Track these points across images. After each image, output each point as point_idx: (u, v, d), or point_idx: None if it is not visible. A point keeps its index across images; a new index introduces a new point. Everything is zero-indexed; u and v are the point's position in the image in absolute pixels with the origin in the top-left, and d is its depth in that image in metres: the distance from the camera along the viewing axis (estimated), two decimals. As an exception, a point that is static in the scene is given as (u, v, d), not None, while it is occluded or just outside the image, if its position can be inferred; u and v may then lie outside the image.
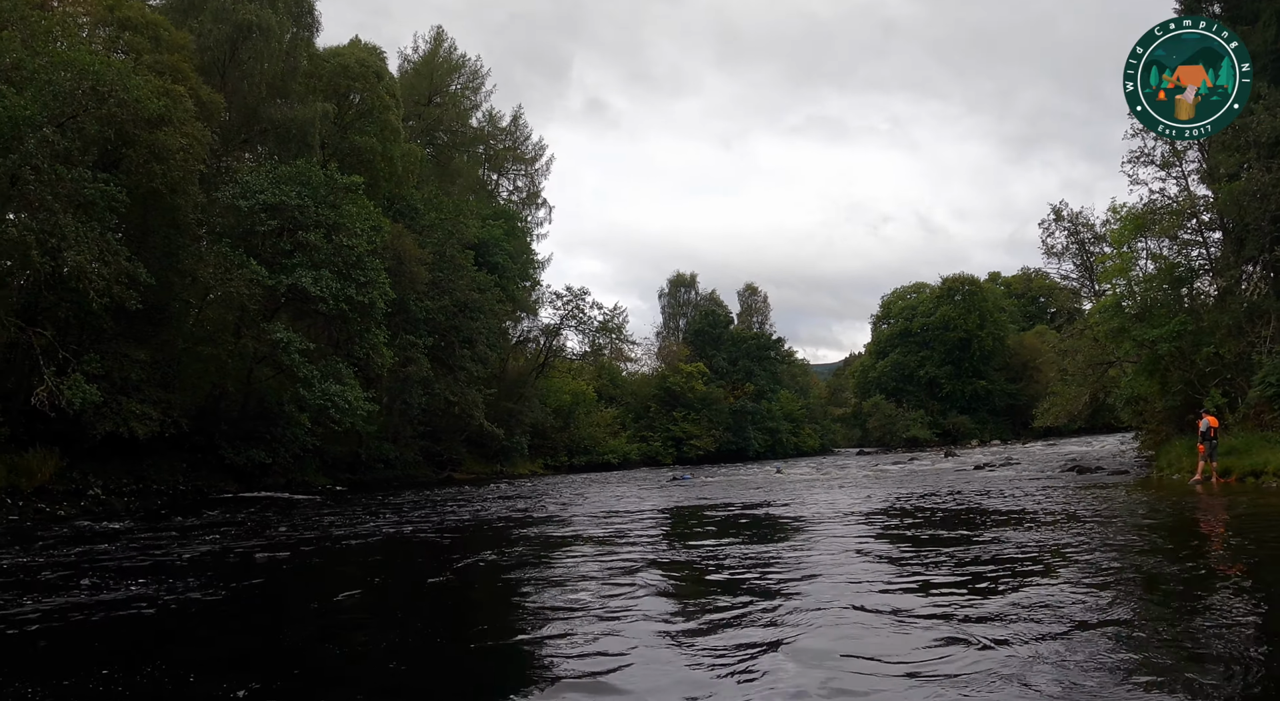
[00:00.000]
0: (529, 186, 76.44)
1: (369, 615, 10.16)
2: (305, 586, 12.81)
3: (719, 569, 12.10)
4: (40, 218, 24.82)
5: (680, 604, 9.85)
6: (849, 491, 29.66)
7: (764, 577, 11.16)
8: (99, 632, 9.24)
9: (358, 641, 8.63)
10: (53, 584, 12.38)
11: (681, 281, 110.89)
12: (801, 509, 22.64)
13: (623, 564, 12.80)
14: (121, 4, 34.73)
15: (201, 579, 12.78)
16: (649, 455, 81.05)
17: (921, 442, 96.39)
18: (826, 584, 10.53)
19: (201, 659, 8.16)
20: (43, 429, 27.03)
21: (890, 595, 9.68)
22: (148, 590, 11.69)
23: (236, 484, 34.42)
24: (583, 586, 10.82)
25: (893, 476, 39.57)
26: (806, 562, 12.38)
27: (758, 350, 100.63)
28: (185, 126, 30.12)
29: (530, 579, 11.98)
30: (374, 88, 47.26)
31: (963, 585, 10.14)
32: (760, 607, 9.19)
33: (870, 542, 14.96)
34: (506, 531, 18.99)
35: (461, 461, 55.45)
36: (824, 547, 14.11)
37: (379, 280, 37.04)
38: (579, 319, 70.70)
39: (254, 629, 9.89)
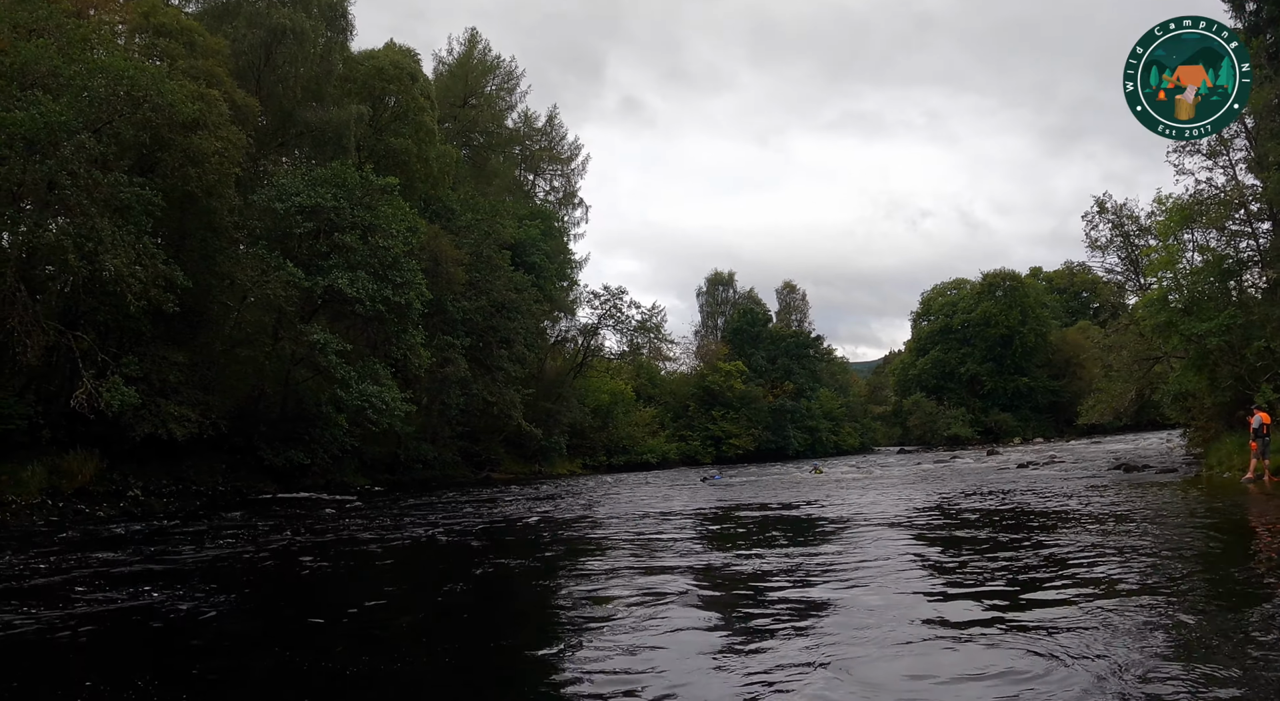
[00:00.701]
0: (565, 186, 76.44)
1: (395, 624, 9.96)
2: (332, 592, 12.67)
3: (758, 577, 11.76)
4: (77, 222, 24.94)
5: (716, 615, 9.51)
6: (891, 491, 29.24)
7: (805, 586, 10.81)
8: (93, 643, 9.09)
9: (382, 654, 8.42)
10: (46, 590, 12.34)
11: (719, 280, 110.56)
12: (843, 510, 22.30)
13: (658, 571, 12.52)
14: (156, 11, 34.93)
15: (224, 585, 12.69)
16: (688, 454, 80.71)
17: (963, 440, 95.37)
18: (873, 593, 10.18)
19: (207, 671, 8.00)
20: (83, 431, 27.19)
21: (942, 604, 9.28)
22: (162, 595, 11.59)
23: (275, 484, 34.50)
24: (616, 596, 10.55)
25: (935, 475, 39.05)
26: (850, 568, 12.04)
27: (796, 348, 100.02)
28: (220, 130, 30.22)
29: (562, 588, 11.77)
30: (409, 89, 47.34)
31: (1018, 593, 9.78)
32: (803, 621, 8.85)
33: (916, 546, 14.56)
34: (539, 534, 18.83)
35: (500, 461, 55.39)
36: (868, 552, 13.73)
37: (415, 281, 37.03)
38: (617, 318, 70.60)
39: (275, 639, 9.71)
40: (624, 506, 26.64)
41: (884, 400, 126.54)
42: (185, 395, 30.07)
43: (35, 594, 11.74)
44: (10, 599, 11.20)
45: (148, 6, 34.99)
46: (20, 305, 24.86)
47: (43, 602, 11.02)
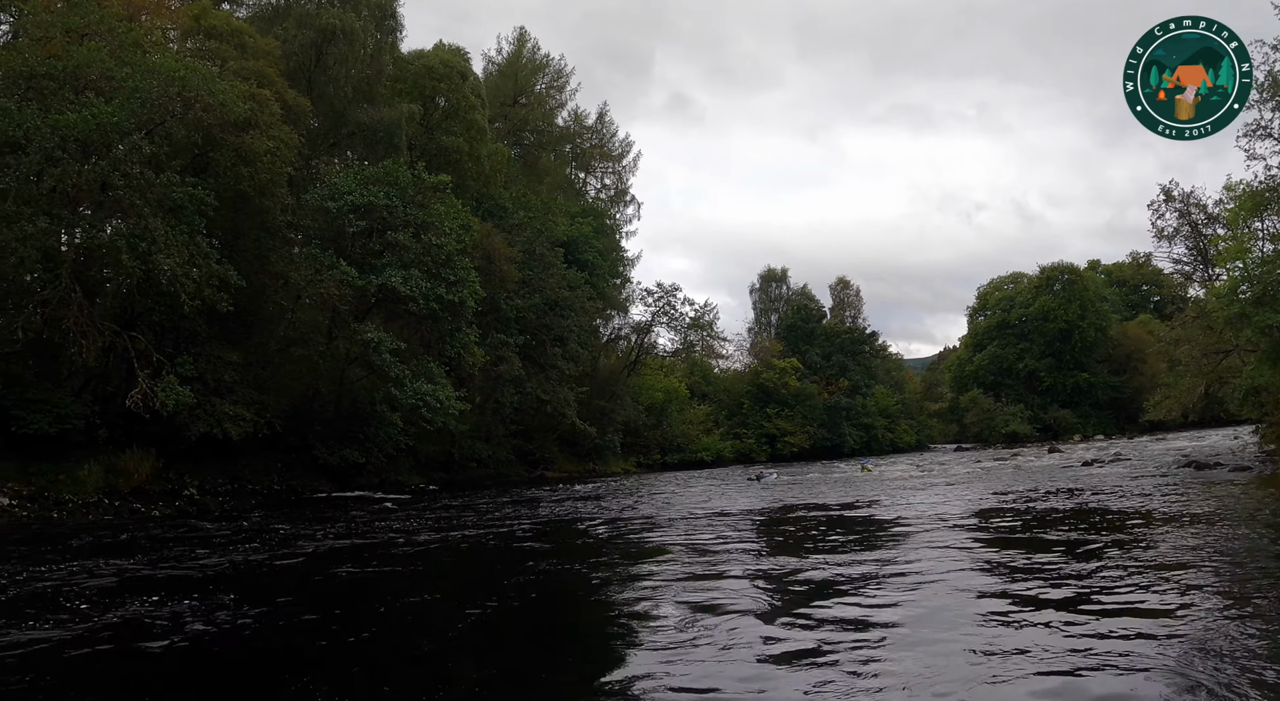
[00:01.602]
0: (616, 184, 76.11)
1: (445, 633, 9.61)
2: (382, 597, 12.36)
3: (821, 585, 11.28)
4: (130, 222, 25.02)
5: (777, 628, 9.05)
6: (953, 490, 28.63)
7: (863, 597, 10.30)
8: (102, 661, 8.84)
9: (432, 662, 8.10)
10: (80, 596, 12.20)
11: (772, 276, 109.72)
12: (905, 510, 21.77)
13: (714, 577, 12.11)
14: (207, 14, 35.11)
15: (269, 589, 12.49)
16: (743, 453, 79.96)
17: (1021, 438, 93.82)
18: (935, 602, 9.69)
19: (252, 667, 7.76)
20: (140, 431, 27.32)
21: (1016, 610, 8.71)
22: (199, 602, 11.42)
23: (330, 483, 34.54)
24: (672, 605, 10.14)
25: (997, 474, 38.27)
26: (911, 575, 11.52)
27: (851, 345, 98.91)
28: (272, 129, 30.21)
29: (617, 596, 11.41)
30: (459, 88, 47.29)
31: (1100, 602, 9.26)
32: (863, 637, 8.35)
33: (981, 551, 13.97)
34: (592, 536, 18.53)
35: (554, 460, 55.19)
36: (933, 557, 13.20)
37: (469, 279, 36.89)
38: (670, 315, 70.17)
39: (317, 653, 9.47)
40: (677, 507, 26.25)
41: (939, 397, 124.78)
42: (240, 394, 30.11)
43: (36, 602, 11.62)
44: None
45: (198, 10, 35.18)
46: (76, 306, 24.98)
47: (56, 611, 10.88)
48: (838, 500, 26.60)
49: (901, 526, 18.03)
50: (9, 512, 22.67)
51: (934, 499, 25.49)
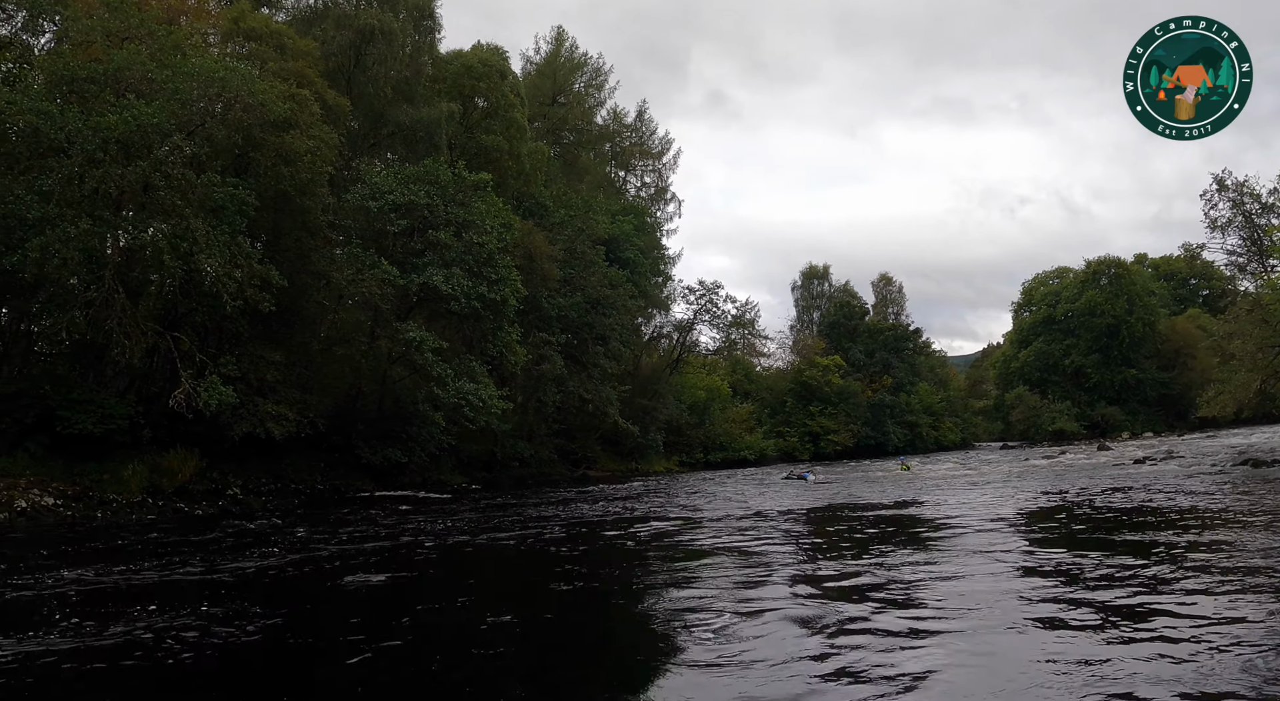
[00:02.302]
0: (657, 182, 75.73)
1: (475, 637, 9.33)
2: (416, 599, 12.12)
3: (869, 590, 10.79)
4: (172, 223, 25.04)
5: (819, 637, 8.59)
6: (1001, 489, 28.11)
7: (915, 606, 9.81)
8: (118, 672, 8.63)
9: (461, 672, 7.85)
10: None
11: (814, 273, 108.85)
12: (950, 510, 21.32)
13: (754, 585, 11.61)
14: (245, 16, 35.21)
15: (310, 589, 12.33)
16: (785, 451, 79.51)
17: (1068, 435, 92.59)
18: (990, 610, 9.29)
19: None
20: (184, 431, 27.41)
21: (1076, 638, 8.19)
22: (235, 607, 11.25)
23: (373, 483, 34.54)
24: (712, 613, 9.75)
25: (1046, 472, 37.64)
26: (964, 581, 11.01)
27: (894, 341, 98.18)
28: (312, 129, 30.20)
29: (655, 602, 10.98)
30: (498, 87, 47.23)
31: (1161, 610, 8.81)
32: (916, 650, 7.91)
33: (1037, 554, 13.40)
34: (634, 537, 18.14)
35: (596, 459, 55.06)
36: (982, 562, 12.68)
37: (510, 277, 36.76)
38: (713, 313, 69.80)
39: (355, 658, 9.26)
40: (720, 507, 25.91)
41: (984, 394, 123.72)
42: (283, 394, 30.13)
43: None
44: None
45: (236, 12, 35.33)
46: (119, 307, 25.05)
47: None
48: (883, 499, 26.18)
49: (951, 528, 17.58)
50: (54, 512, 22.75)
51: (984, 498, 25.01)
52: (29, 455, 24.84)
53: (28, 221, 23.44)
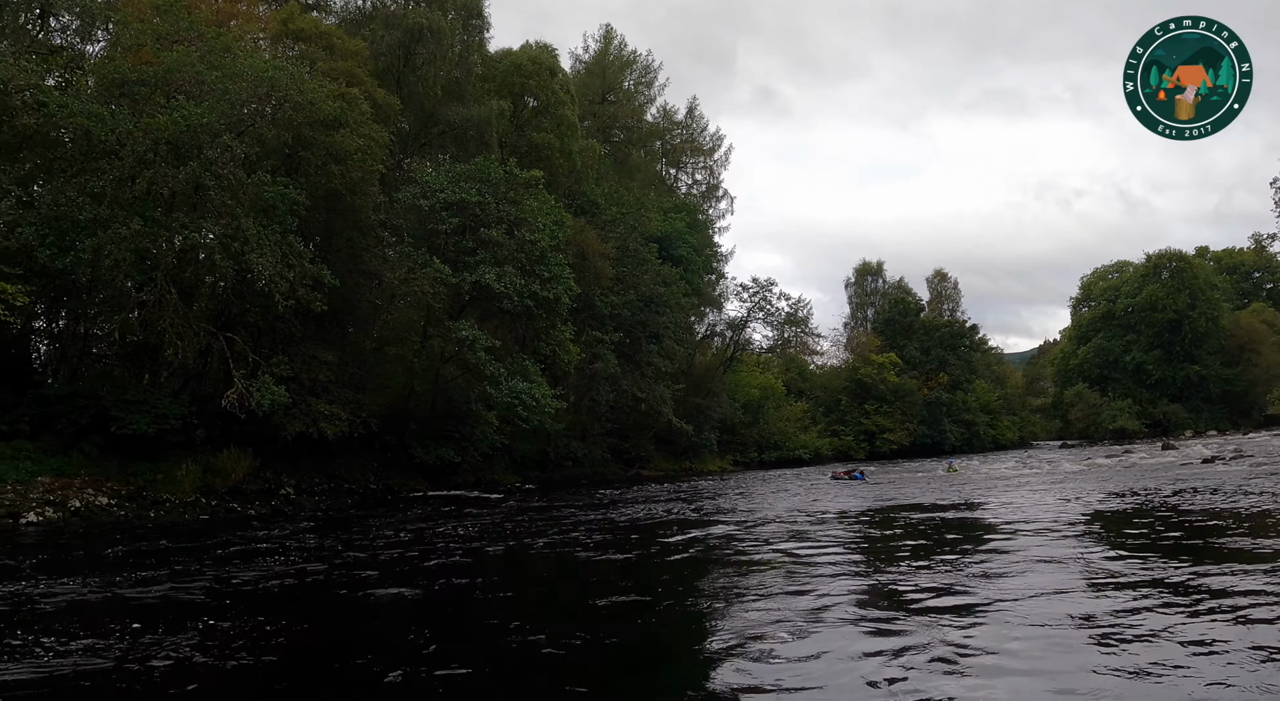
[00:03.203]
0: (708, 179, 75.13)
1: (524, 647, 8.88)
2: (464, 605, 11.71)
3: (927, 607, 10.14)
4: (223, 223, 24.94)
5: (881, 660, 7.97)
6: (1064, 490, 27.30)
7: (984, 618, 9.30)
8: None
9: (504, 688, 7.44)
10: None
11: (868, 270, 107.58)
12: (1012, 513, 20.65)
13: (812, 595, 11.10)
14: (295, 18, 35.22)
15: (353, 595, 12.01)
16: (840, 450, 78.53)
17: (1129, 434, 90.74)
18: (1060, 627, 8.74)
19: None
20: (237, 431, 27.36)
21: (1148, 656, 7.58)
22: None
23: (426, 483, 34.42)
24: (769, 627, 9.24)
25: (1109, 472, 36.72)
26: (1033, 595, 10.33)
27: (950, 338, 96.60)
28: (362, 127, 30.01)
29: (710, 613, 10.47)
30: (548, 84, 46.99)
31: (1245, 626, 8.17)
32: (988, 671, 7.40)
33: (1108, 562, 12.64)
34: (687, 541, 17.67)
35: (649, 458, 54.67)
36: (1050, 571, 12.04)
37: (563, 275, 36.44)
38: (767, 310, 69.05)
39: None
40: (775, 507, 25.43)
41: (1041, 392, 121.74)
42: (336, 394, 29.99)
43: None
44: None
45: (286, 14, 35.34)
46: (172, 308, 25.02)
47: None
48: (943, 501, 25.53)
49: (1015, 531, 16.91)
50: (107, 512, 22.72)
51: (1049, 499, 24.30)
52: (84, 455, 24.90)
53: (80, 223, 23.43)
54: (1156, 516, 18.48)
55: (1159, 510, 19.55)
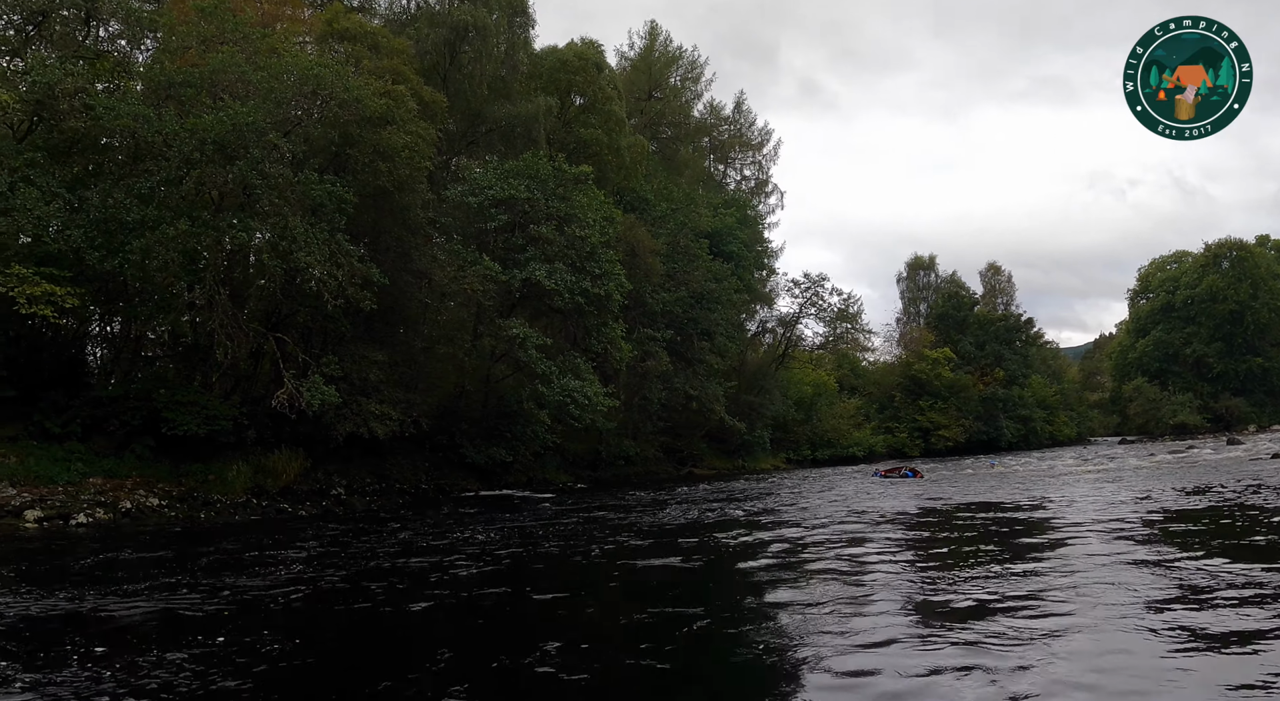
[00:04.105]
0: (757, 174, 74.44)
1: (564, 670, 8.36)
2: (502, 617, 11.22)
3: (991, 622, 9.41)
4: (270, 222, 24.75)
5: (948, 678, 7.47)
6: (1129, 488, 26.41)
7: (1055, 637, 8.62)
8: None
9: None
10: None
11: (920, 264, 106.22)
12: (1077, 513, 19.90)
13: (868, 603, 10.60)
14: (340, 18, 35.06)
15: (400, 603, 11.60)
16: (894, 447, 77.50)
17: (1190, 429, 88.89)
18: (1146, 645, 8.11)
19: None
20: (288, 432, 27.26)
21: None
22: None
23: (478, 482, 34.19)
24: (828, 650, 8.62)
25: (1174, 469, 35.70)
26: (1109, 608, 9.62)
27: (1006, 333, 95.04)
28: (409, 124, 29.72)
29: (768, 633, 9.63)
30: (595, 80, 46.65)
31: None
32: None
33: (1203, 572, 11.70)
34: (740, 546, 17.03)
35: (701, 457, 54.20)
36: (1127, 578, 11.34)
37: (614, 272, 35.99)
38: (819, 306, 68.18)
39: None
40: (829, 508, 24.77)
41: (1098, 387, 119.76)
42: (386, 394, 29.74)
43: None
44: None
45: (330, 14, 35.26)
46: (221, 309, 24.89)
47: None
48: (1003, 499, 24.82)
49: (1091, 532, 16.18)
50: (158, 513, 22.58)
51: (1118, 497, 23.55)
52: (135, 456, 24.90)
53: (128, 224, 23.35)
54: (1236, 515, 17.72)
55: (1237, 508, 18.77)
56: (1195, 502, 20.89)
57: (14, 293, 21.59)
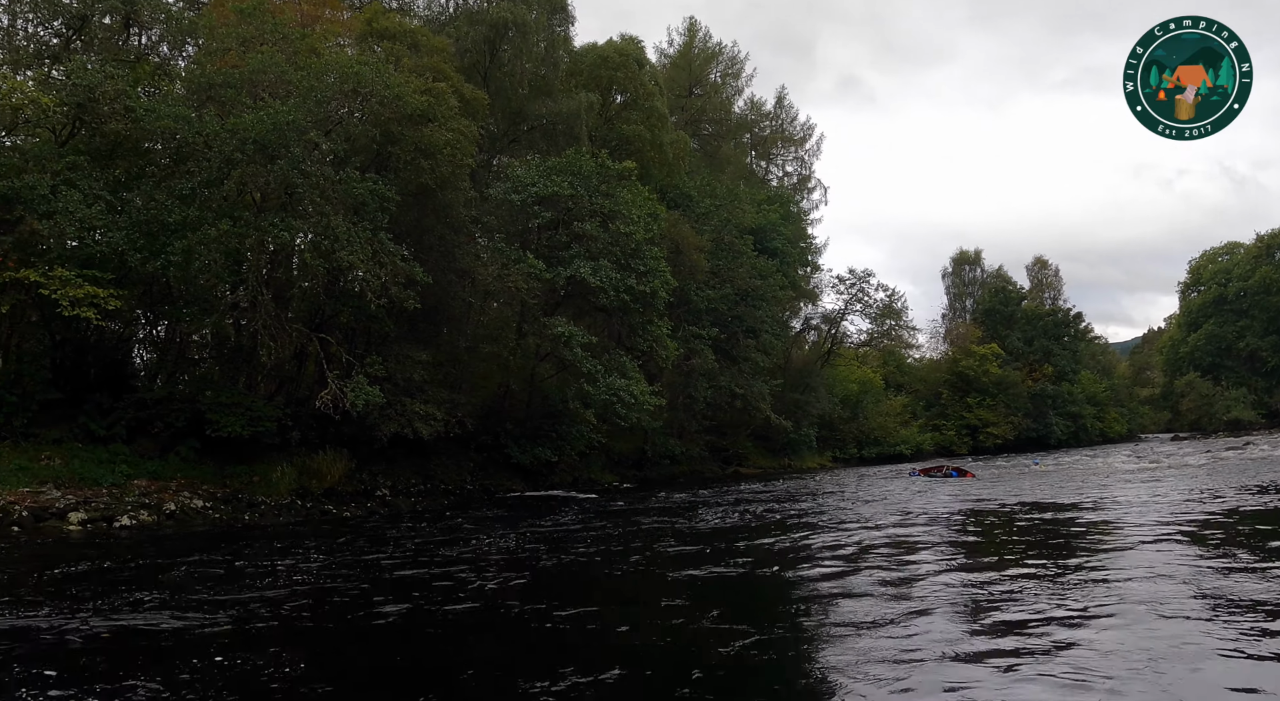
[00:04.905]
0: (799, 170, 73.79)
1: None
2: (527, 633, 10.72)
3: (1052, 638, 8.96)
4: (312, 220, 24.52)
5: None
6: (1191, 484, 25.61)
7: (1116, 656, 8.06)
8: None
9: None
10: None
11: (965, 259, 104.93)
12: (1144, 512, 19.17)
13: (921, 615, 10.13)
14: (379, 17, 34.92)
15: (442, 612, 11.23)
16: (942, 445, 76.47)
17: (1244, 425, 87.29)
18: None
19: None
20: (333, 432, 27.10)
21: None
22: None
23: (523, 482, 33.93)
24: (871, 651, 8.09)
25: (1232, 466, 34.78)
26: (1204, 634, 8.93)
27: (1054, 328, 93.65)
28: (450, 122, 29.44)
29: (812, 656, 9.16)
30: (636, 76, 46.29)
31: None
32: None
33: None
34: (790, 553, 16.63)
35: (747, 456, 53.74)
36: (1201, 589, 10.73)
37: (659, 268, 35.52)
38: (865, 302, 67.37)
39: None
40: (877, 509, 24.28)
41: (1148, 382, 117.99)
42: (431, 394, 29.49)
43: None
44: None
45: (369, 14, 35.15)
46: (264, 310, 24.71)
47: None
48: (1060, 500, 24.25)
49: (1160, 535, 15.52)
50: (202, 515, 22.42)
51: (1181, 496, 22.72)
52: (180, 458, 24.81)
53: (169, 225, 23.20)
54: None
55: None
56: (1263, 502, 20.17)
57: (56, 295, 21.47)
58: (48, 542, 17.80)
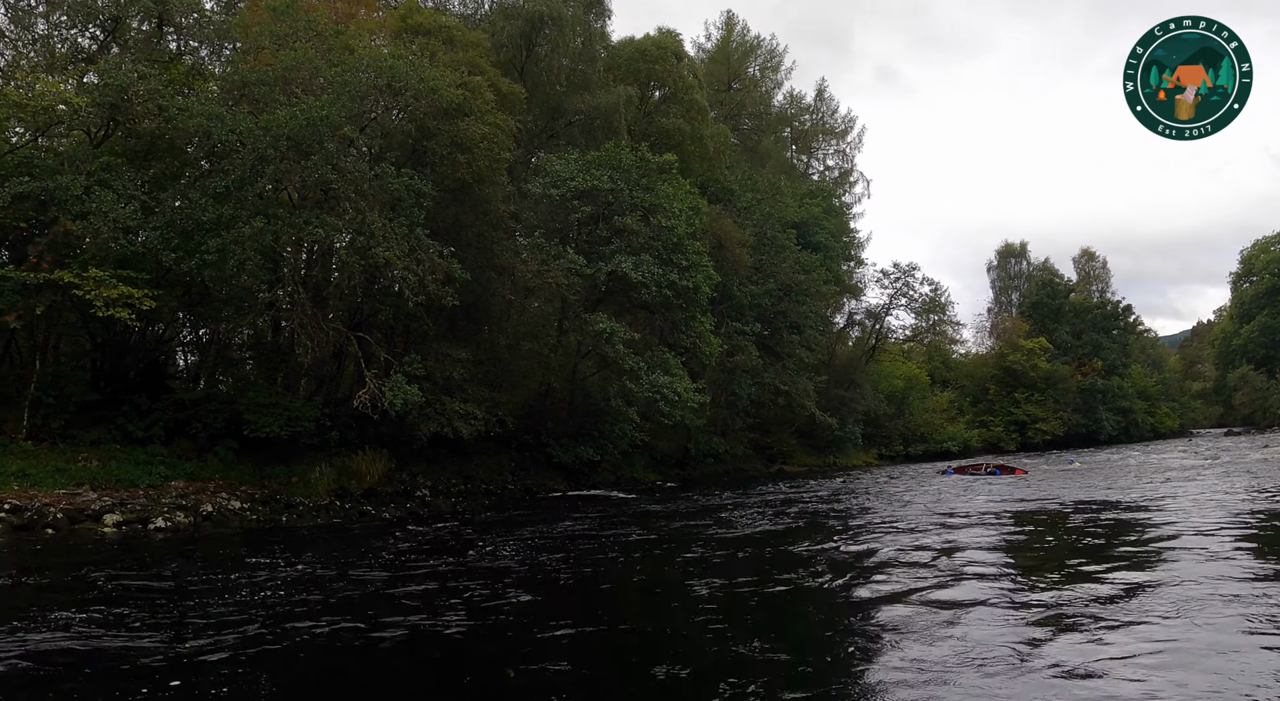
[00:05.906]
0: (840, 164, 73.09)
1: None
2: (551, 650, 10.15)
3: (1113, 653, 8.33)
4: (348, 217, 24.16)
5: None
6: (1258, 481, 24.62)
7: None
8: None
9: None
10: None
11: (1010, 252, 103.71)
12: (1208, 513, 18.29)
13: (960, 623, 9.59)
14: (414, 13, 34.61)
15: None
16: (990, 442, 75.36)
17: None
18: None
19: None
20: (372, 432, 26.87)
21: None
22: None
23: (565, 482, 33.49)
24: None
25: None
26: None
27: (1103, 321, 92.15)
28: (486, 116, 29.01)
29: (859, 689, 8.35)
30: (674, 69, 45.80)
31: None
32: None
33: None
34: (826, 551, 16.03)
35: (791, 453, 53.13)
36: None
37: (702, 263, 34.89)
38: (910, 297, 66.37)
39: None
40: (923, 510, 23.55)
41: (1199, 376, 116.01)
42: (470, 393, 29.07)
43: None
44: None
45: (404, 10, 34.86)
46: (301, 309, 24.42)
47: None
48: (1114, 498, 23.45)
49: (1231, 542, 14.71)
50: (240, 516, 22.11)
51: (1239, 496, 21.82)
52: (218, 459, 24.61)
53: (204, 224, 22.90)
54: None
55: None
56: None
57: (90, 295, 21.22)
58: (82, 545, 17.46)
